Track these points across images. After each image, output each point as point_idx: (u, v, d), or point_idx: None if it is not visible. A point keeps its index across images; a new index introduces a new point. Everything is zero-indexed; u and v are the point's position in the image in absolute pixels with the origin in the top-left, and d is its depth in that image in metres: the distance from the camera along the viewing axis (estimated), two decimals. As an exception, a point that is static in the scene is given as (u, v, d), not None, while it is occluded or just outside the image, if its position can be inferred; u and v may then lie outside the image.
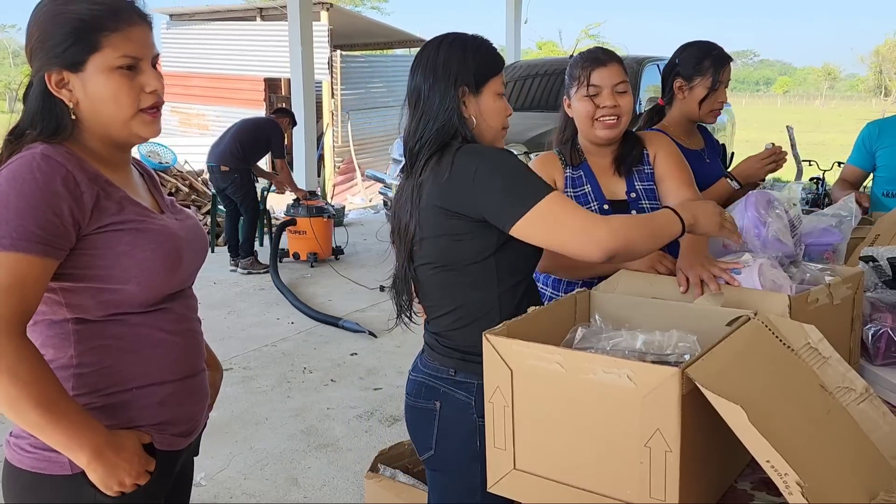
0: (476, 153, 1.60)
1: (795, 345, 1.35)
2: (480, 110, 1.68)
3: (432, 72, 1.66)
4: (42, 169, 1.24)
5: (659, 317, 1.52)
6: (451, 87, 1.65)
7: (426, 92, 1.67)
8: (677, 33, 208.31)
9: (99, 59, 1.30)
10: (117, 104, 1.32)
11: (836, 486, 1.16)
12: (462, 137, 1.65)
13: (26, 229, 1.21)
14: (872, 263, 1.94)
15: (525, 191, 1.55)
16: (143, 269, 1.34)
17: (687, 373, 1.11)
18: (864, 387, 1.33)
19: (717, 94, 2.49)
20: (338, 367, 4.71)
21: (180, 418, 1.45)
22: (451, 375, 1.67)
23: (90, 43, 1.29)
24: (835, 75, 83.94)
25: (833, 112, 42.95)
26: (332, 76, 11.87)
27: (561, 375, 1.26)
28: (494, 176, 1.56)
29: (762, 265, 1.66)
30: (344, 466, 3.47)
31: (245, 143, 6.98)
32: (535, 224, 1.53)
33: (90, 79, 1.31)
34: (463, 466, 1.66)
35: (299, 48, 8.87)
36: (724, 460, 1.32)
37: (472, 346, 1.63)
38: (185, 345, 1.46)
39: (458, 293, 1.66)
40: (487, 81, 1.68)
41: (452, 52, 1.67)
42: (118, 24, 1.30)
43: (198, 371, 1.51)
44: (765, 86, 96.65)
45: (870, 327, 1.78)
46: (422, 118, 1.67)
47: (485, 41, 1.72)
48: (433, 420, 1.69)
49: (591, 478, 1.27)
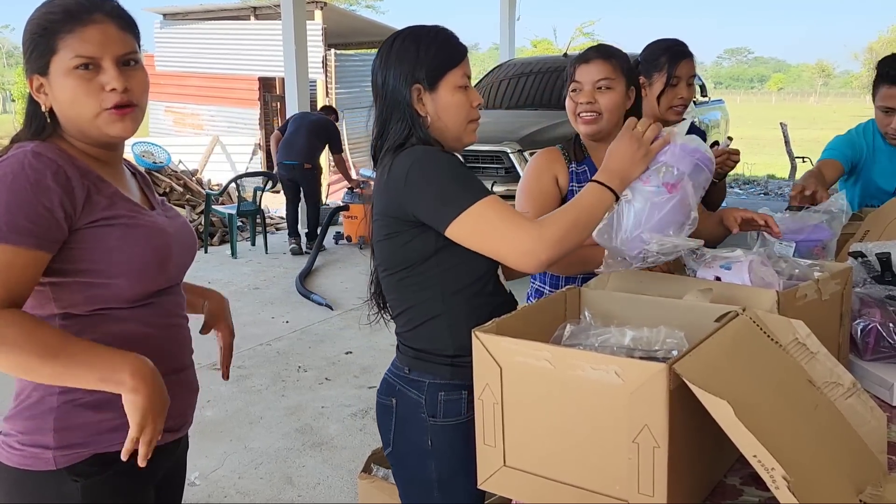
0: (410, 155, 1.56)
1: (783, 340, 1.36)
2: (437, 107, 1.62)
3: (387, 69, 1.62)
4: (33, 165, 1.26)
5: (648, 313, 1.52)
6: (404, 86, 1.60)
7: (381, 90, 1.63)
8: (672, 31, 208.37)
9: (57, 61, 1.32)
10: (78, 104, 1.33)
11: (824, 481, 1.16)
12: (417, 137, 1.60)
13: (17, 223, 1.22)
14: (861, 259, 1.95)
15: (459, 193, 1.51)
16: (132, 264, 1.34)
17: (674, 368, 1.11)
18: (852, 381, 1.33)
19: (676, 89, 2.48)
20: (332, 366, 4.72)
21: (168, 413, 1.45)
22: (405, 374, 1.68)
23: (49, 46, 1.32)
24: (829, 72, 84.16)
25: (827, 109, 43.02)
26: (326, 75, 11.87)
27: (549, 372, 1.26)
28: (427, 177, 1.53)
29: (752, 262, 1.67)
30: (338, 465, 3.47)
31: (318, 141, 7.90)
32: (467, 228, 1.50)
33: (54, 81, 1.33)
34: (417, 463, 1.67)
35: (293, 47, 8.86)
36: (712, 456, 1.32)
37: (423, 346, 1.65)
38: (170, 340, 1.47)
39: (407, 295, 1.66)
40: (444, 76, 1.61)
41: (406, 48, 1.61)
42: (73, 25, 1.31)
43: (184, 367, 1.51)
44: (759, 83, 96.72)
45: (859, 322, 1.79)
46: (380, 117, 1.64)
47: (441, 32, 1.65)
48: (391, 416, 1.70)
49: (580, 474, 1.27)
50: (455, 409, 1.63)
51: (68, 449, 1.34)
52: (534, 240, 1.45)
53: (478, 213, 1.49)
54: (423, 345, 1.65)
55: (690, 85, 2.53)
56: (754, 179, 14.13)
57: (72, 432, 1.35)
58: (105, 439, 1.37)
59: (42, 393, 1.35)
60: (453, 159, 1.57)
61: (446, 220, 1.51)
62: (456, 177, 1.53)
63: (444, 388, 1.62)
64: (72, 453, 1.35)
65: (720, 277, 1.67)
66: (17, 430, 1.36)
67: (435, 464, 1.63)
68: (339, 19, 12.68)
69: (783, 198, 12.63)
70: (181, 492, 1.65)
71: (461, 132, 1.66)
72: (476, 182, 1.55)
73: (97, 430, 1.36)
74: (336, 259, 7.62)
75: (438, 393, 1.62)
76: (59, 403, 1.34)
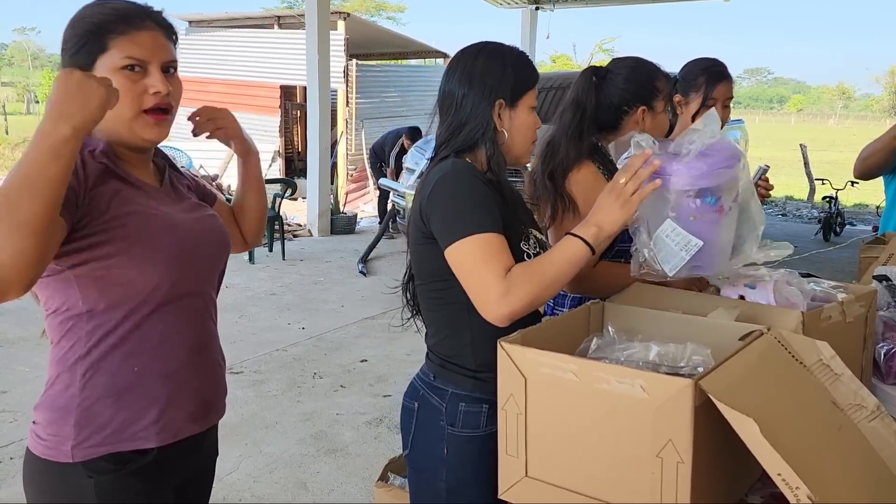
0: (443, 167, 1.59)
1: (808, 361, 1.36)
2: (514, 124, 1.65)
3: (468, 80, 1.63)
4: None
5: (671, 329, 1.52)
6: (487, 99, 1.62)
7: (459, 99, 1.64)
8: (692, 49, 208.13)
9: (105, 59, 1.35)
10: (119, 104, 1.31)
11: (846, 502, 1.16)
12: (486, 147, 1.63)
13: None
14: (886, 283, 1.95)
15: (464, 219, 1.51)
16: (151, 256, 1.36)
17: (700, 385, 1.12)
18: (876, 405, 1.33)
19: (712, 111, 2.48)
20: (348, 374, 4.73)
21: (188, 396, 1.46)
22: (430, 380, 1.69)
23: (98, 45, 1.35)
24: (849, 94, 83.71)
25: (847, 131, 42.79)
26: (347, 85, 11.93)
27: (575, 384, 1.27)
28: (447, 194, 1.55)
29: (777, 281, 1.67)
30: (353, 472, 3.48)
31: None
32: (456, 257, 1.52)
33: None
34: (431, 469, 1.68)
35: (316, 56, 8.94)
36: (735, 473, 1.32)
37: (447, 356, 1.66)
38: (195, 333, 1.48)
39: (434, 305, 1.68)
40: (523, 95, 1.65)
41: (491, 62, 1.63)
42: (126, 27, 1.36)
43: (203, 344, 1.51)
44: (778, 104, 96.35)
45: (882, 346, 1.79)
46: (451, 124, 1.65)
47: (522, 53, 1.69)
48: (412, 419, 1.71)
49: (602, 487, 1.28)
50: (474, 421, 1.64)
51: (85, 443, 1.36)
52: (496, 298, 1.47)
53: (468, 247, 1.50)
54: (447, 355, 1.66)
55: (727, 107, 2.53)
56: (772, 201, 14.07)
57: (90, 427, 1.36)
58: (122, 437, 1.38)
59: (67, 382, 1.37)
60: (477, 183, 1.57)
61: (445, 242, 1.53)
62: (471, 200, 1.54)
63: (465, 399, 1.63)
64: (88, 448, 1.36)
65: (744, 296, 1.68)
66: (43, 419, 1.39)
67: (447, 472, 1.64)
68: (361, 30, 12.77)
69: (801, 219, 12.57)
70: (208, 494, 1.66)
71: (525, 151, 1.70)
72: (487, 213, 1.53)
73: (114, 426, 1.38)
74: (356, 266, 7.64)
75: (459, 403, 1.63)
76: (81, 395, 1.36)
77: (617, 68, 2.09)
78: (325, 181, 9.47)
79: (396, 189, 7.19)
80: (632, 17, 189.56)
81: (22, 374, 4.47)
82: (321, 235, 9.27)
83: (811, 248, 9.07)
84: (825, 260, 8.11)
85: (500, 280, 1.47)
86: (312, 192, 9.35)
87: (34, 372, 4.50)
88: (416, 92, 13.67)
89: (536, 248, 1.65)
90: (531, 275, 1.48)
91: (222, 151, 12.17)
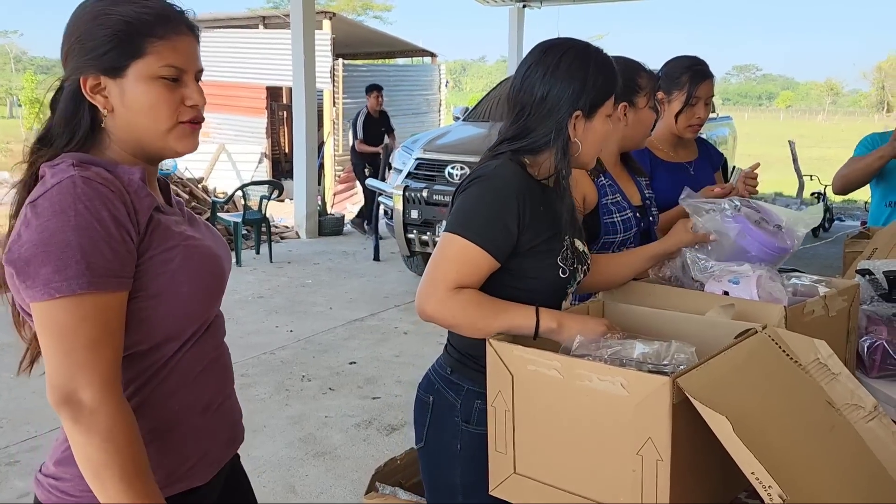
0: (493, 170, 1.58)
1: (804, 360, 1.35)
2: (588, 135, 1.61)
3: (550, 82, 1.57)
4: (89, 195, 1.13)
5: (669, 328, 1.52)
6: (565, 108, 1.57)
7: (536, 102, 1.58)
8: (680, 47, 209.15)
9: (141, 65, 1.21)
10: (156, 115, 1.23)
11: (831, 501, 1.15)
12: (554, 159, 1.59)
13: (97, 264, 1.12)
14: (869, 277, 1.95)
15: (465, 218, 1.54)
16: (199, 297, 1.27)
17: (678, 382, 1.12)
18: (874, 404, 1.32)
19: (694, 109, 2.52)
20: (336, 376, 4.71)
21: (221, 423, 1.38)
22: (447, 374, 1.68)
23: (134, 48, 1.21)
24: (837, 90, 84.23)
25: (835, 127, 43.03)
26: (333, 85, 11.91)
27: (559, 382, 1.27)
28: (475, 195, 1.56)
29: (760, 276, 1.67)
30: (342, 475, 3.46)
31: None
32: (441, 243, 1.55)
33: (130, 86, 1.22)
34: (445, 464, 1.67)
35: (302, 57, 8.91)
36: (724, 472, 1.31)
37: (466, 351, 1.64)
38: (218, 368, 1.38)
39: None
40: (602, 105, 1.60)
41: (576, 68, 1.57)
42: (166, 31, 1.22)
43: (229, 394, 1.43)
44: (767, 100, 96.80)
45: (866, 339, 1.79)
46: (524, 124, 1.60)
47: (607, 59, 1.63)
48: (427, 412, 1.71)
49: (586, 484, 1.27)
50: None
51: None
52: (434, 297, 1.50)
53: (453, 243, 1.53)
54: (466, 350, 1.64)
55: (708, 104, 2.56)
56: (762, 197, 14.09)
57: None
58: (171, 480, 1.27)
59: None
60: (510, 198, 1.54)
61: (446, 227, 1.56)
62: (490, 211, 1.54)
63: (480, 396, 1.59)
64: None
65: (728, 292, 1.68)
66: (73, 475, 1.21)
67: (461, 468, 1.63)
68: (347, 29, 12.74)
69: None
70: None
71: (592, 158, 1.67)
72: (496, 230, 1.53)
73: (164, 471, 1.26)
74: (344, 268, 7.62)
75: (475, 400, 1.61)
76: None
77: None
78: (312, 182, 9.44)
79: (384, 190, 7.17)
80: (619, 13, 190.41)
81: (6, 381, 4.43)
82: (309, 237, 9.23)
83: (800, 243, 9.08)
84: (814, 255, 8.13)
85: (449, 288, 1.50)
86: (300, 193, 9.31)
87: (17, 380, 4.45)
88: (403, 91, 13.66)
89: (573, 263, 1.62)
90: (474, 308, 1.50)
91: (208, 154, 12.15)
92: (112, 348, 1.14)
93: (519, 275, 1.58)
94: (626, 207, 2.10)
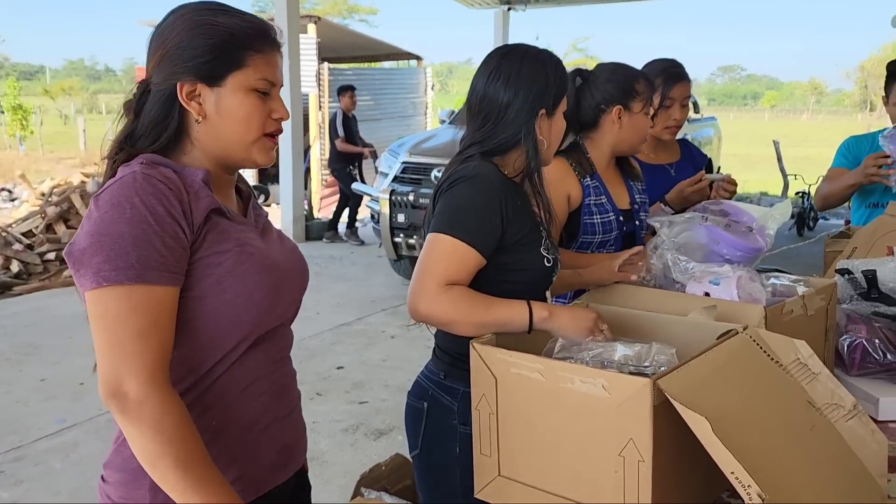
0: (471, 170, 1.61)
1: (785, 360, 1.36)
2: (552, 132, 1.70)
3: (513, 88, 1.63)
4: (147, 190, 1.15)
5: (652, 330, 1.54)
6: (531, 109, 1.64)
7: (503, 106, 1.64)
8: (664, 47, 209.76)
9: (240, 76, 1.26)
10: (247, 125, 1.27)
11: (811, 501, 1.16)
12: (527, 157, 1.65)
13: (148, 257, 1.12)
14: (848, 276, 1.97)
15: (450, 218, 1.57)
16: (247, 307, 1.25)
17: (658, 384, 1.13)
18: (853, 403, 1.33)
19: (670, 111, 2.56)
20: (323, 381, 4.71)
21: (267, 446, 1.35)
22: (440, 379, 1.69)
23: (235, 59, 1.25)
24: (821, 90, 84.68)
25: (820, 126, 43.25)
26: (319, 89, 11.89)
27: (541, 384, 1.27)
28: (463, 193, 1.59)
29: (741, 277, 1.68)
30: (329, 480, 3.46)
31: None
32: (428, 243, 1.58)
33: (226, 95, 1.26)
34: (444, 468, 1.68)
35: (287, 61, 8.87)
36: (706, 472, 1.31)
37: (460, 353, 1.63)
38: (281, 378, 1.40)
39: None
40: (560, 103, 1.70)
41: (537, 69, 1.65)
42: (263, 46, 1.28)
43: (294, 405, 1.47)
44: (752, 100, 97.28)
45: (846, 338, 1.81)
46: (488, 128, 1.65)
47: (559, 61, 1.71)
48: (421, 419, 1.71)
49: (570, 486, 1.28)
50: None
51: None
52: (426, 295, 1.52)
53: (441, 243, 1.55)
54: (459, 352, 1.62)
55: (685, 106, 2.60)
56: (747, 196, 14.18)
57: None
58: None
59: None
60: (492, 195, 1.58)
61: (432, 228, 1.58)
62: (476, 209, 1.57)
63: None
64: None
65: (709, 293, 1.69)
66: (114, 480, 1.25)
67: (461, 471, 1.63)
68: (332, 34, 12.73)
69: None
70: None
71: (552, 154, 1.76)
72: (482, 227, 1.56)
73: None
74: (331, 272, 7.61)
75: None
76: None
77: (599, 71, 2.18)
78: (298, 187, 9.42)
79: (370, 194, 7.17)
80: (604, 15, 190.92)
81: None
82: (295, 242, 9.21)
83: (785, 242, 9.10)
84: (798, 255, 8.15)
85: (440, 285, 1.52)
86: (286, 197, 9.30)
87: (1, 389, 4.44)
88: (389, 95, 13.66)
89: (554, 252, 1.69)
90: (466, 304, 1.52)
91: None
92: (160, 341, 1.14)
93: (507, 269, 1.62)
94: (609, 210, 2.11)
